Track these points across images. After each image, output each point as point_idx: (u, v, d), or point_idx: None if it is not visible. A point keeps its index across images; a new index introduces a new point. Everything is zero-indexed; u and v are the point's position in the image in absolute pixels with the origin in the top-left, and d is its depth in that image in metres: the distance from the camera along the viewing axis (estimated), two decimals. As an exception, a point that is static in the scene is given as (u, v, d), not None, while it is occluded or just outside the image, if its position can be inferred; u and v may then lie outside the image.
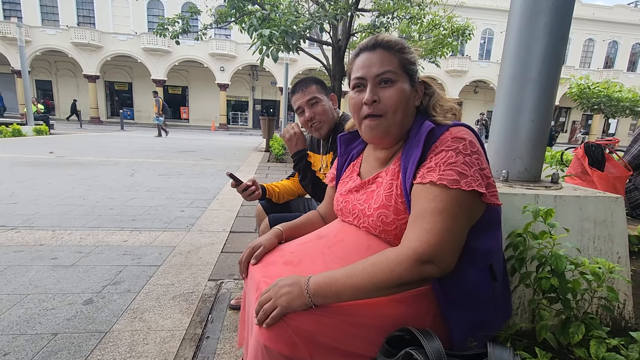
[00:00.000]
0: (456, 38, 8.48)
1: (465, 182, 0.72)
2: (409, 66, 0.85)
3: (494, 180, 0.79)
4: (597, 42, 28.35)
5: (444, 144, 0.76)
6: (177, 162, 6.80)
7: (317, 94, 1.50)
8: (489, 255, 0.81)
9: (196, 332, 1.49)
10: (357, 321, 0.76)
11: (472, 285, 0.78)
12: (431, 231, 0.70)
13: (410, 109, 0.86)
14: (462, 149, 0.74)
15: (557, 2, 1.07)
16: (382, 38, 0.86)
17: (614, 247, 1.09)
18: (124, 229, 2.78)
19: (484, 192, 0.73)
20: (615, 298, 0.73)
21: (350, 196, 0.95)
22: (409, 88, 0.85)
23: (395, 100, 0.83)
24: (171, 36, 8.45)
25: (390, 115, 0.84)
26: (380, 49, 0.84)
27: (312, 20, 6.54)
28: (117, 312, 1.61)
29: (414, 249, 0.70)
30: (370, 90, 0.84)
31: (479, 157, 0.75)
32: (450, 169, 0.73)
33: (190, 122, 28.01)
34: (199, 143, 11.93)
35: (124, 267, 2.09)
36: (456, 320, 0.78)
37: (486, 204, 0.77)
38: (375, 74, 0.83)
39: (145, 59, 23.91)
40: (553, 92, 1.15)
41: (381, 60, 0.83)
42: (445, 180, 0.72)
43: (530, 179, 1.17)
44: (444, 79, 26.18)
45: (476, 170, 0.73)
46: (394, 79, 0.83)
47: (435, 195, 0.72)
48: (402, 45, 0.85)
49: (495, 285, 0.81)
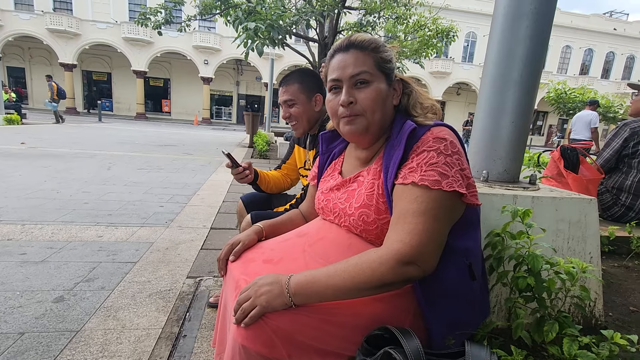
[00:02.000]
0: (440, 39, 8.61)
1: (447, 182, 0.72)
2: (384, 65, 0.84)
3: (474, 181, 0.80)
4: (574, 49, 29.40)
5: (425, 144, 0.76)
6: (157, 156, 6.63)
7: (295, 96, 1.49)
8: (468, 255, 0.81)
9: (173, 331, 1.46)
10: (336, 320, 0.75)
11: (452, 284, 0.79)
12: (413, 232, 0.70)
13: (388, 108, 0.86)
14: (444, 150, 0.74)
15: (539, 6, 1.09)
16: (355, 38, 0.85)
17: (586, 248, 1.13)
18: (99, 224, 2.68)
19: (464, 192, 0.73)
20: (588, 297, 0.75)
21: (331, 195, 0.94)
22: (386, 87, 0.84)
23: (371, 101, 0.82)
24: (153, 26, 8.20)
25: (369, 115, 0.83)
26: (354, 50, 0.83)
27: (298, 16, 6.49)
28: (90, 310, 1.55)
29: (396, 250, 0.69)
30: (346, 92, 0.83)
31: (460, 158, 0.75)
32: (432, 170, 0.73)
33: (172, 116, 27.37)
34: (181, 137, 11.68)
35: (98, 264, 2.02)
36: (435, 319, 0.78)
37: (466, 204, 0.78)
38: (350, 75, 0.82)
39: (125, 49, 23.16)
40: (533, 96, 1.18)
41: (355, 61, 0.82)
42: (427, 180, 0.72)
43: (509, 180, 1.19)
44: (427, 80, 26.57)
45: (457, 171, 0.74)
46: (370, 80, 0.82)
47: (417, 196, 0.72)
48: (376, 44, 0.84)
49: (474, 284, 0.82)
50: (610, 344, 0.64)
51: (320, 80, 1.56)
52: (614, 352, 0.63)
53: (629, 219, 2.15)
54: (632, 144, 2.14)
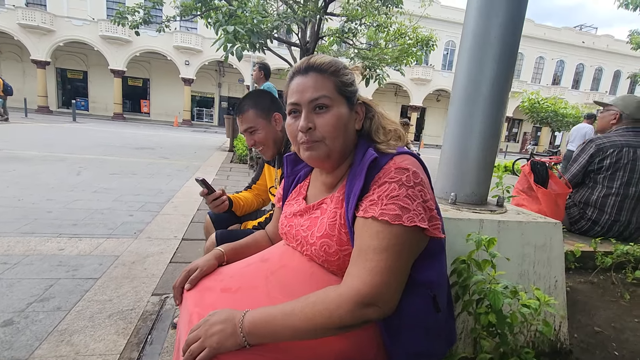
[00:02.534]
0: (420, 48, 8.76)
1: (408, 217, 0.69)
2: (344, 88, 0.81)
3: (438, 211, 0.77)
4: (547, 60, 30.64)
5: (387, 175, 0.73)
6: (132, 160, 6.41)
7: (253, 122, 1.46)
8: (432, 286, 0.79)
9: (131, 356, 1.37)
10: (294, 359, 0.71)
11: (416, 317, 0.76)
12: (374, 271, 0.67)
13: (349, 133, 0.82)
14: (405, 181, 0.71)
15: (505, 32, 1.09)
16: (314, 60, 0.81)
17: (551, 271, 1.13)
18: (61, 236, 2.54)
19: (426, 227, 0.71)
20: (549, 332, 0.74)
21: (294, 220, 0.91)
22: (347, 111, 0.81)
23: (331, 127, 0.78)
24: (130, 26, 7.98)
25: (329, 142, 0.79)
26: (313, 72, 0.79)
27: (279, 21, 6.45)
28: (41, 335, 1.44)
29: (357, 290, 0.66)
30: (305, 117, 0.79)
31: (423, 189, 0.73)
32: (393, 203, 0.70)
33: (151, 117, 26.69)
34: (159, 139, 11.37)
35: (56, 281, 1.90)
36: (399, 352, 0.76)
37: (429, 237, 0.75)
38: (309, 100, 0.78)
39: (102, 47, 22.43)
40: (502, 115, 1.18)
41: (315, 84, 0.78)
42: (387, 215, 0.69)
43: (476, 202, 1.18)
44: (408, 86, 27.05)
45: (419, 204, 0.71)
46: (329, 104, 0.78)
47: (378, 232, 0.69)
48: (336, 67, 0.81)
49: (439, 315, 0.80)
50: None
51: (275, 98, 1.53)
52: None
53: (594, 233, 2.21)
54: (597, 160, 2.21)
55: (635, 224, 2.18)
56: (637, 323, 1.42)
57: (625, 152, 2.13)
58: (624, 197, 2.14)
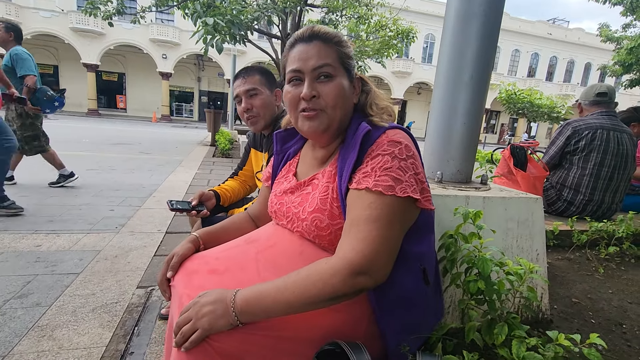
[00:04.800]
0: (401, 40, 8.82)
1: (400, 187, 0.70)
2: (346, 60, 0.81)
3: (428, 185, 0.79)
4: (522, 52, 31.47)
5: (380, 147, 0.74)
6: (110, 156, 6.21)
7: (258, 86, 1.40)
8: (422, 259, 0.80)
9: (118, 348, 1.34)
10: (287, 335, 0.71)
11: (406, 289, 0.78)
12: (366, 240, 0.67)
13: (348, 105, 0.83)
14: (398, 154, 0.72)
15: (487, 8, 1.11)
16: (319, 29, 0.81)
17: (533, 245, 1.17)
18: (37, 232, 2.44)
19: (418, 197, 0.72)
20: (535, 298, 0.77)
21: (285, 198, 0.90)
22: (348, 84, 0.81)
23: (335, 96, 0.78)
24: (103, 17, 7.68)
25: (330, 111, 0.79)
26: (318, 41, 0.79)
27: (259, 12, 6.35)
28: (21, 331, 1.39)
29: (349, 260, 0.66)
30: (309, 85, 0.78)
31: (415, 162, 0.74)
32: (386, 175, 0.71)
33: (128, 112, 25.85)
34: (137, 135, 11.04)
35: (34, 277, 1.83)
36: (390, 325, 0.77)
37: (420, 209, 0.77)
38: (313, 67, 0.77)
39: (74, 40, 21.49)
40: (483, 97, 1.20)
41: (319, 53, 0.78)
42: (381, 186, 0.70)
43: (462, 180, 1.21)
44: (389, 79, 27.25)
45: (411, 175, 0.72)
46: (333, 74, 0.78)
47: (371, 202, 0.70)
48: (340, 38, 0.82)
49: (428, 288, 0.81)
50: (555, 345, 0.66)
51: (275, 79, 1.50)
52: (558, 353, 0.65)
53: (570, 214, 2.30)
54: (573, 141, 2.30)
55: (608, 203, 2.29)
56: (611, 294, 1.50)
57: (599, 133, 2.22)
58: (597, 177, 2.24)
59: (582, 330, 1.19)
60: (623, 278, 1.69)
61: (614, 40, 11.58)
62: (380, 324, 0.77)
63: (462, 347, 0.85)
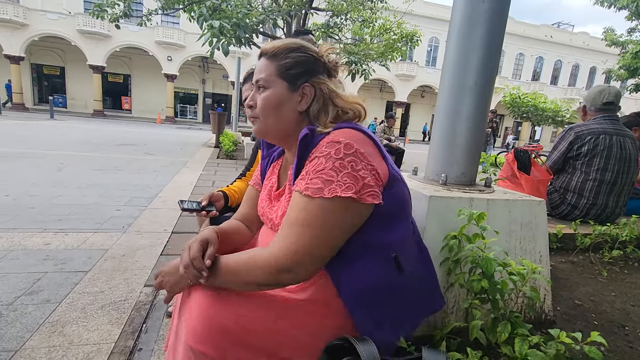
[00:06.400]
0: (405, 43, 8.85)
1: (330, 189, 0.71)
2: (285, 72, 0.85)
3: (378, 179, 0.76)
4: (527, 56, 31.41)
5: (318, 150, 0.76)
6: (115, 157, 6.28)
7: None
8: (393, 247, 0.80)
9: (127, 345, 1.37)
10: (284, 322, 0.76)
11: (374, 279, 0.78)
12: (293, 243, 0.71)
13: (285, 113, 0.86)
14: (334, 154, 0.73)
15: (492, 13, 1.13)
16: (264, 47, 0.89)
17: (536, 247, 1.19)
18: (46, 231, 2.48)
19: (348, 195, 0.71)
20: (537, 298, 0.79)
21: (265, 203, 0.96)
22: (285, 93, 0.85)
23: (262, 106, 0.85)
24: (110, 19, 7.77)
25: (262, 119, 0.86)
26: (262, 57, 0.88)
27: (265, 15, 6.41)
28: (32, 327, 1.42)
29: (276, 258, 0.71)
30: (251, 96, 0.88)
31: (354, 159, 0.73)
32: (317, 177, 0.73)
33: (133, 114, 26.04)
34: (142, 136, 11.13)
35: (44, 274, 1.86)
36: (362, 317, 0.77)
37: (376, 203, 0.76)
38: (255, 81, 0.87)
39: (80, 42, 21.70)
40: (488, 101, 1.22)
41: (260, 68, 0.87)
42: (310, 189, 0.72)
43: (466, 183, 1.23)
44: (393, 82, 27.26)
45: (346, 174, 0.72)
46: (266, 86, 0.85)
47: (301, 205, 0.73)
48: (276, 51, 0.86)
49: (403, 276, 0.81)
50: (557, 342, 0.67)
51: None
52: (560, 350, 0.66)
53: (574, 217, 2.31)
54: (576, 147, 2.30)
55: (611, 207, 2.29)
56: (614, 297, 1.51)
57: (602, 139, 2.23)
58: (601, 182, 2.24)
59: (584, 331, 1.20)
60: (626, 281, 1.69)
61: (619, 44, 11.54)
62: (354, 319, 0.77)
63: (465, 345, 0.86)
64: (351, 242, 0.76)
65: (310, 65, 0.86)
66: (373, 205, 0.75)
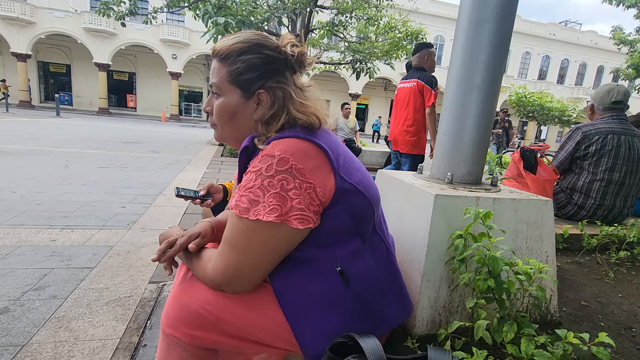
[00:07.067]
0: (410, 42, 8.80)
1: (255, 210, 0.67)
2: (237, 78, 0.78)
3: (314, 198, 0.70)
4: (533, 55, 31.13)
5: (252, 163, 0.72)
6: (120, 154, 6.31)
7: None
8: (339, 261, 0.75)
9: (132, 341, 1.38)
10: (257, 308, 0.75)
11: (312, 291, 0.75)
12: (223, 263, 0.71)
13: (241, 122, 0.81)
14: (265, 170, 0.68)
15: (500, 11, 1.12)
16: (214, 46, 0.81)
17: (543, 247, 1.18)
18: (52, 227, 2.50)
19: (270, 220, 0.66)
20: (544, 297, 0.78)
21: None
22: (238, 100, 0.79)
23: (217, 115, 0.82)
24: (116, 17, 7.80)
25: (220, 128, 0.84)
26: (214, 58, 0.81)
27: (270, 12, 6.40)
28: (39, 322, 1.44)
29: (210, 275, 0.73)
30: (207, 101, 0.85)
31: (286, 177, 0.67)
32: (246, 195, 0.69)
33: (138, 112, 26.19)
34: (147, 134, 11.19)
35: (50, 270, 1.88)
36: (300, 327, 0.74)
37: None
38: (210, 85, 0.82)
39: (86, 40, 21.85)
40: (495, 100, 1.21)
41: (213, 71, 0.81)
42: (238, 208, 0.69)
43: (472, 182, 1.22)
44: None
45: (273, 194, 0.67)
46: (219, 93, 0.81)
47: (231, 222, 0.71)
48: (226, 53, 0.78)
49: (350, 290, 0.76)
50: (565, 343, 0.67)
51: None
52: (567, 351, 0.66)
53: (580, 217, 2.29)
54: (583, 146, 2.28)
55: (619, 208, 2.27)
56: (621, 298, 1.49)
57: (609, 138, 2.20)
58: (608, 182, 2.22)
59: (591, 332, 1.19)
60: (634, 282, 1.68)
61: (628, 43, 11.41)
62: (295, 331, 0.74)
63: (470, 345, 0.86)
64: (289, 255, 0.74)
65: (266, 68, 0.78)
66: (308, 229, 0.71)
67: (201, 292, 0.74)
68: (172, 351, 0.75)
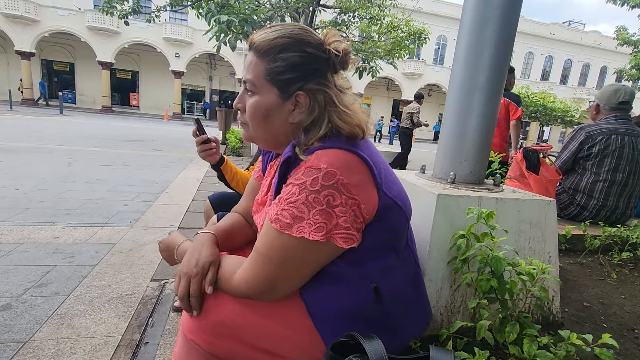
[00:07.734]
0: (413, 41, 8.79)
1: (298, 227, 0.64)
2: (276, 77, 0.72)
3: (358, 215, 0.67)
4: (536, 55, 31.00)
5: (295, 174, 0.67)
6: (123, 152, 6.33)
7: None
8: (373, 276, 0.74)
9: (133, 338, 1.38)
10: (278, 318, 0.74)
11: (342, 305, 0.74)
12: (256, 277, 0.69)
13: (276, 124, 0.75)
14: (310, 185, 0.63)
15: (504, 11, 1.12)
16: (253, 37, 0.73)
17: (546, 247, 1.17)
18: (55, 224, 2.51)
19: (317, 239, 0.64)
20: (546, 297, 0.78)
21: (258, 207, 0.89)
22: (275, 101, 0.73)
23: (250, 114, 0.75)
24: (119, 15, 7.82)
25: (251, 127, 0.77)
26: (252, 51, 0.73)
27: (273, 11, 6.40)
28: (41, 319, 1.44)
29: (237, 288, 0.71)
30: (239, 97, 0.78)
31: (333, 192, 0.63)
32: (288, 210, 0.65)
33: (140, 110, 26.27)
34: (149, 132, 11.23)
35: (53, 267, 1.89)
36: (330, 340, 0.72)
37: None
38: (243, 80, 0.76)
39: (90, 39, 21.91)
40: (498, 100, 1.21)
41: (249, 65, 0.74)
42: (279, 222, 0.65)
43: (475, 181, 1.22)
44: (400, 81, 27.10)
45: (319, 211, 0.63)
46: (254, 91, 0.74)
47: (269, 236, 0.67)
48: (266, 48, 0.71)
49: (382, 305, 0.75)
50: (567, 344, 0.66)
51: None
52: (570, 352, 0.65)
53: (583, 218, 2.27)
54: (586, 147, 2.27)
55: (622, 208, 2.25)
56: (624, 299, 1.49)
57: (613, 139, 2.19)
58: (611, 183, 2.21)
59: (593, 334, 1.19)
60: (636, 284, 1.67)
61: (632, 43, 11.33)
62: (323, 339, 0.73)
63: (472, 345, 0.86)
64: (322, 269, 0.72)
65: (307, 68, 0.72)
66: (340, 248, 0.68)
67: (225, 301, 0.72)
68: (191, 356, 0.74)
